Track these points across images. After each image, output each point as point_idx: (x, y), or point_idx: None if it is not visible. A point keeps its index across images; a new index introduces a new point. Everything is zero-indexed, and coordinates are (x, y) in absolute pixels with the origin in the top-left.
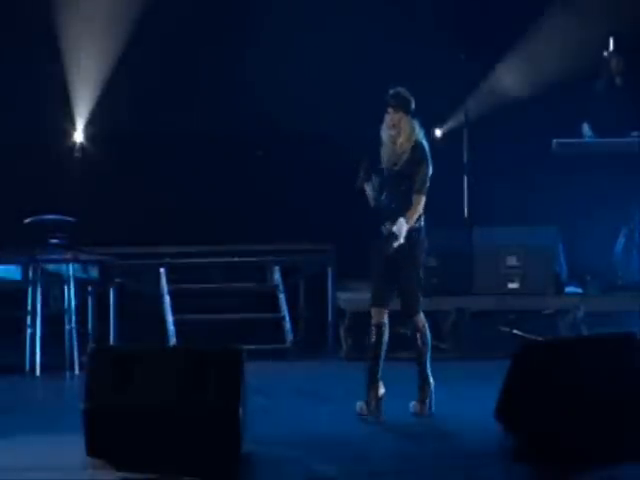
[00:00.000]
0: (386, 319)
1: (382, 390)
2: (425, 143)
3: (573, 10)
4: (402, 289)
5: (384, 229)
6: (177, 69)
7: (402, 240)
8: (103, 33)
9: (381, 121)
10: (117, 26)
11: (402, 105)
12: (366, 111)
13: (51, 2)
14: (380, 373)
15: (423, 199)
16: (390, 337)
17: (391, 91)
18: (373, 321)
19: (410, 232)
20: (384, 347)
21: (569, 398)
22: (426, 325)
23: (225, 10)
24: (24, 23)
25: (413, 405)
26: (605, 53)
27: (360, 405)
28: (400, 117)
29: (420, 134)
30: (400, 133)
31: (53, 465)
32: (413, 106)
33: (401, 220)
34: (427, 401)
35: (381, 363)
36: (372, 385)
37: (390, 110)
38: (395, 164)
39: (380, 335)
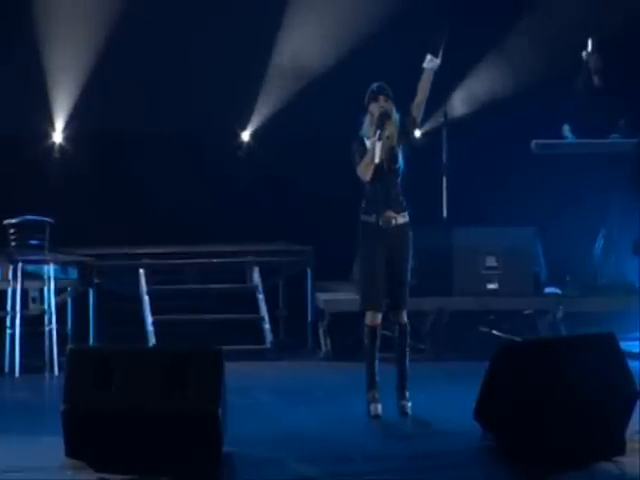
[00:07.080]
0: (380, 319)
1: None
2: None
3: (552, 11)
4: (397, 282)
5: (380, 220)
6: (155, 70)
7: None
8: (82, 33)
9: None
10: (96, 27)
11: (390, 97)
12: (345, 113)
13: (30, 1)
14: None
15: None
16: None
17: (377, 83)
18: (369, 323)
19: (404, 226)
20: (378, 348)
21: (548, 398)
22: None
23: (205, 9)
24: (2, 22)
25: (402, 406)
26: (584, 53)
27: (374, 407)
28: (391, 106)
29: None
30: (390, 119)
31: (32, 466)
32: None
33: None
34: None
35: (377, 364)
36: (373, 387)
37: (381, 98)
38: (387, 158)
39: (377, 337)
